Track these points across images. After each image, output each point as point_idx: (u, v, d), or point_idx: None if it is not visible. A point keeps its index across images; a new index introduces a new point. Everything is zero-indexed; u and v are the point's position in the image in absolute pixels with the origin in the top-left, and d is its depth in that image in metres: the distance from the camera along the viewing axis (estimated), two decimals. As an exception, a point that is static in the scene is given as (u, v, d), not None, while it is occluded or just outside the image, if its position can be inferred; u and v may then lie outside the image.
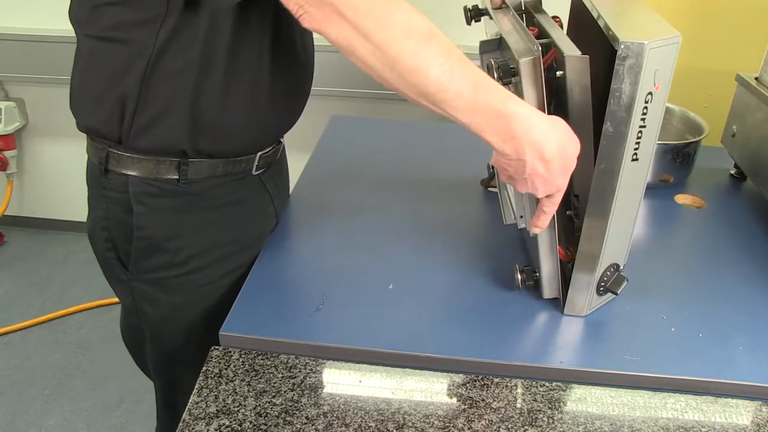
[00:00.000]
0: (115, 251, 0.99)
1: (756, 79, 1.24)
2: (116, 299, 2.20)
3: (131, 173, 0.93)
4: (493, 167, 1.24)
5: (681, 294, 0.99)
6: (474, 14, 1.04)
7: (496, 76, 0.79)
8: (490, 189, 1.25)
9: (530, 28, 0.90)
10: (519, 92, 0.80)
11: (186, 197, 0.96)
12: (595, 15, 0.86)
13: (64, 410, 1.88)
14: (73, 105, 0.96)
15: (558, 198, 0.82)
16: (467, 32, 1.12)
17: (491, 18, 1.00)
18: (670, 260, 1.08)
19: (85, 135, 0.98)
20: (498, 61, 0.79)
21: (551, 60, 0.83)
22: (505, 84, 0.80)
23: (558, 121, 0.78)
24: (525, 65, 0.76)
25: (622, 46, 0.72)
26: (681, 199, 1.24)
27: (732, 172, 1.33)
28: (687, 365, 0.87)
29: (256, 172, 1.03)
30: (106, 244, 0.99)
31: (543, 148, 0.75)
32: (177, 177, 0.94)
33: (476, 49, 1.71)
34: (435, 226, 1.13)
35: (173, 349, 1.07)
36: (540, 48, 0.76)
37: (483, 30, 1.10)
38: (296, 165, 1.48)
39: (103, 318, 2.25)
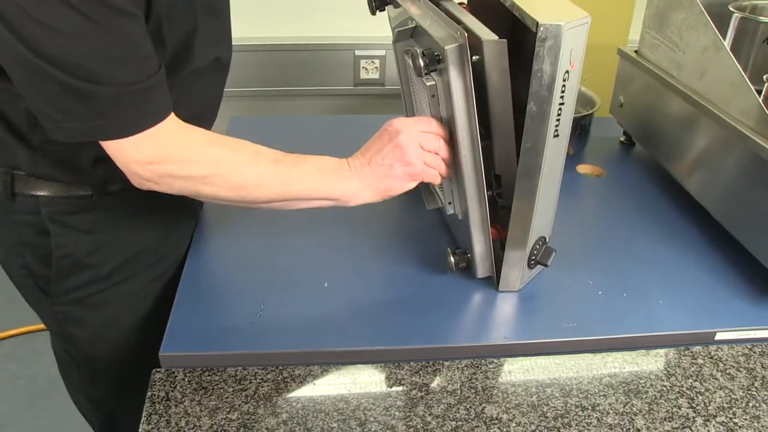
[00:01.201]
0: (32, 277, 0.92)
1: (636, 52, 1.33)
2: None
3: (42, 194, 0.87)
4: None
5: (600, 258, 1.05)
6: (378, 4, 1.04)
7: (421, 63, 0.79)
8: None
9: (442, 15, 0.91)
10: (444, 80, 0.81)
11: (103, 210, 0.91)
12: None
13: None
14: None
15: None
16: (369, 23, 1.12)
17: (396, 7, 1.01)
18: (584, 228, 1.14)
19: None
20: (423, 49, 0.79)
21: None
22: (430, 71, 0.81)
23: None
24: (451, 52, 0.77)
25: (542, 29, 0.75)
26: (582, 169, 1.31)
27: (622, 139, 1.42)
28: (618, 324, 0.92)
29: None
30: (21, 270, 0.92)
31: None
32: (91, 192, 0.89)
33: (381, 39, 1.73)
34: (356, 220, 1.13)
35: (109, 370, 1.01)
36: (465, 34, 0.77)
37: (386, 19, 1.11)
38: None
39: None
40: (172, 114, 0.78)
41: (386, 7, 1.05)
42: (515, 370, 0.86)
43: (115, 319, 0.98)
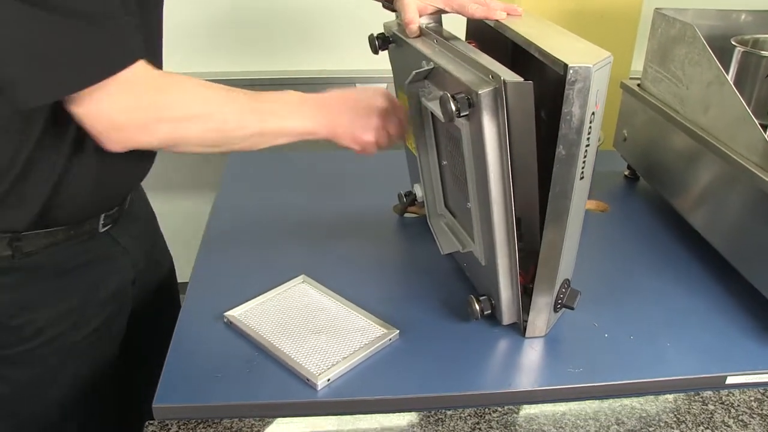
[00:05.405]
0: None
1: (638, 85, 1.32)
2: None
3: None
4: (406, 194, 1.22)
5: (605, 299, 1.03)
6: (381, 44, 1.02)
7: (453, 108, 0.76)
8: (406, 215, 1.24)
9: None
10: (475, 124, 0.78)
11: (25, 272, 0.86)
12: (510, 35, 0.87)
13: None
14: None
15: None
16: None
17: (398, 46, 1.00)
18: (589, 266, 1.11)
19: None
20: (454, 93, 0.76)
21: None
22: (461, 116, 0.78)
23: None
24: (485, 96, 0.75)
25: (571, 71, 0.73)
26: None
27: (626, 173, 1.40)
28: (625, 369, 0.89)
29: (103, 230, 0.94)
30: None
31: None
32: (10, 253, 0.84)
33: (379, 72, 1.72)
34: (365, 267, 1.10)
35: (47, 428, 0.94)
36: (500, 78, 0.74)
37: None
38: (198, 205, 1.42)
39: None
40: (143, 62, 0.75)
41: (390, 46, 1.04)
42: (520, 419, 0.83)
43: (44, 377, 0.92)
